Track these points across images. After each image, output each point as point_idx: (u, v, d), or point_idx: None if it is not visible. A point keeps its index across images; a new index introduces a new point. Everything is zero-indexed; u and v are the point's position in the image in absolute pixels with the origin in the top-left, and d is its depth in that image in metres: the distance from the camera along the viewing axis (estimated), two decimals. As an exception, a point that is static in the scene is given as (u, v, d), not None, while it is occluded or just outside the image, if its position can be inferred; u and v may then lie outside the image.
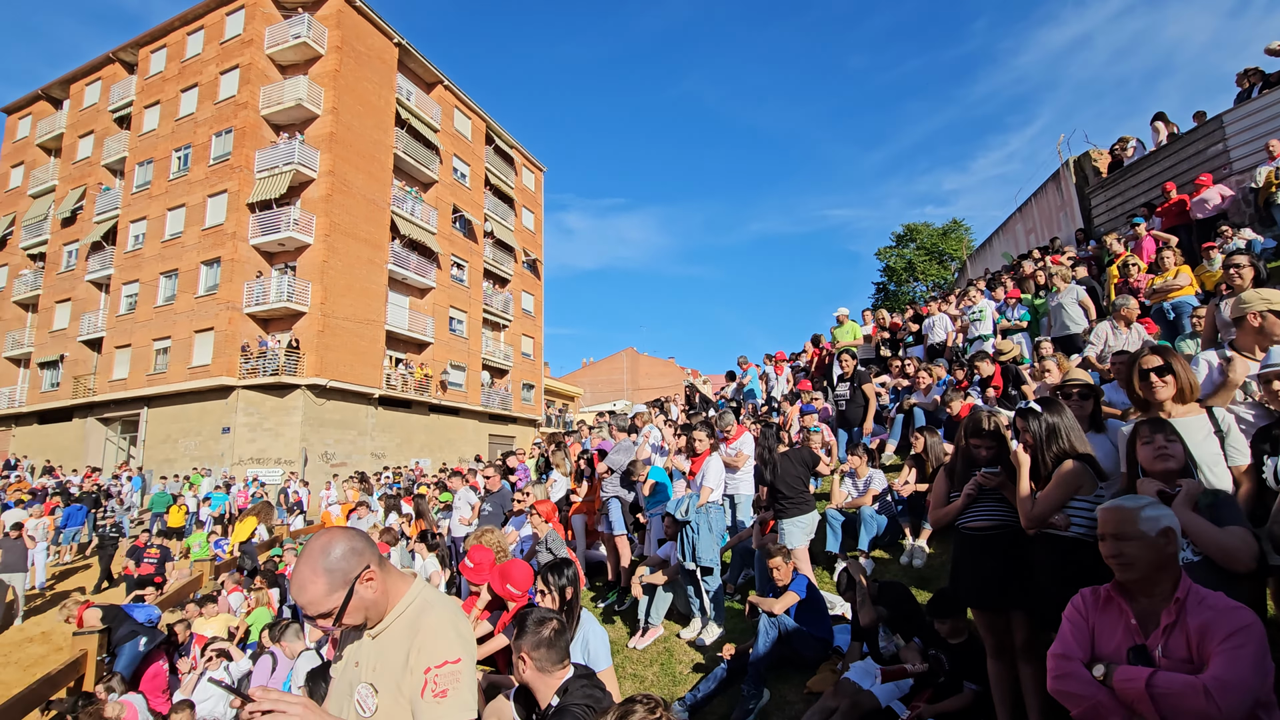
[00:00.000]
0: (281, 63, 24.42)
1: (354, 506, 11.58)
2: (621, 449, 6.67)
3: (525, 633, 2.31)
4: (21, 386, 27.44)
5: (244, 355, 21.59)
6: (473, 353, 30.28)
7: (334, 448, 22.79)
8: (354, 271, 23.75)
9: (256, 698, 1.35)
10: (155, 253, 24.05)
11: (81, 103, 28.77)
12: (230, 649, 5.97)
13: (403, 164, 26.99)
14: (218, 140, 23.62)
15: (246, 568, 9.44)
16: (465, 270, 30.41)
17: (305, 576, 1.50)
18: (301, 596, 1.50)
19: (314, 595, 1.49)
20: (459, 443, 28.89)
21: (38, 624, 10.54)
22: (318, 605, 1.49)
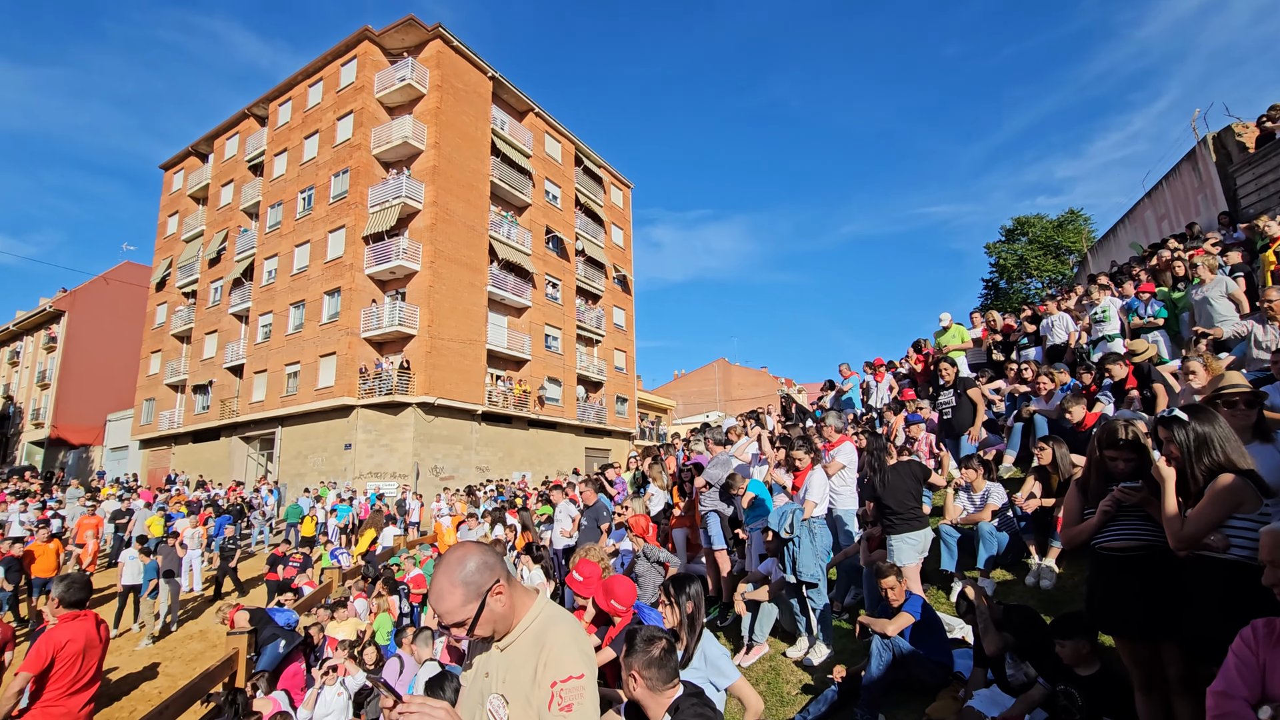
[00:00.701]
0: (389, 104, 26.37)
1: (463, 519, 12.15)
2: (718, 462, 6.62)
3: (635, 651, 2.31)
4: (179, 410, 30.93)
5: (362, 377, 23.31)
6: (568, 368, 31.12)
7: (443, 462, 24.06)
8: (457, 295, 25.10)
9: (407, 700, 1.46)
10: (285, 286, 26.50)
11: (223, 155, 32.31)
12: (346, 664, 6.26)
13: (498, 190, 28.33)
14: (336, 180, 25.79)
15: (370, 575, 10.12)
16: (559, 288, 31.39)
17: (443, 588, 1.60)
18: (439, 606, 1.61)
19: (450, 605, 1.59)
20: (557, 456, 29.70)
21: (196, 623, 11.77)
22: (453, 615, 1.59)
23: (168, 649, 10.53)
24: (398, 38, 26.41)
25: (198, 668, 9.50)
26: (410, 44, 26.63)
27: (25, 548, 11.24)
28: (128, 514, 16.28)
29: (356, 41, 26.42)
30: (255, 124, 31.13)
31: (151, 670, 9.56)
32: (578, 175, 34.26)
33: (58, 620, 5.05)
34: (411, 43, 26.58)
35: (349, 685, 6.02)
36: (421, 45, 26.47)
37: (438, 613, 1.62)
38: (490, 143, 27.95)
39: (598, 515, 7.83)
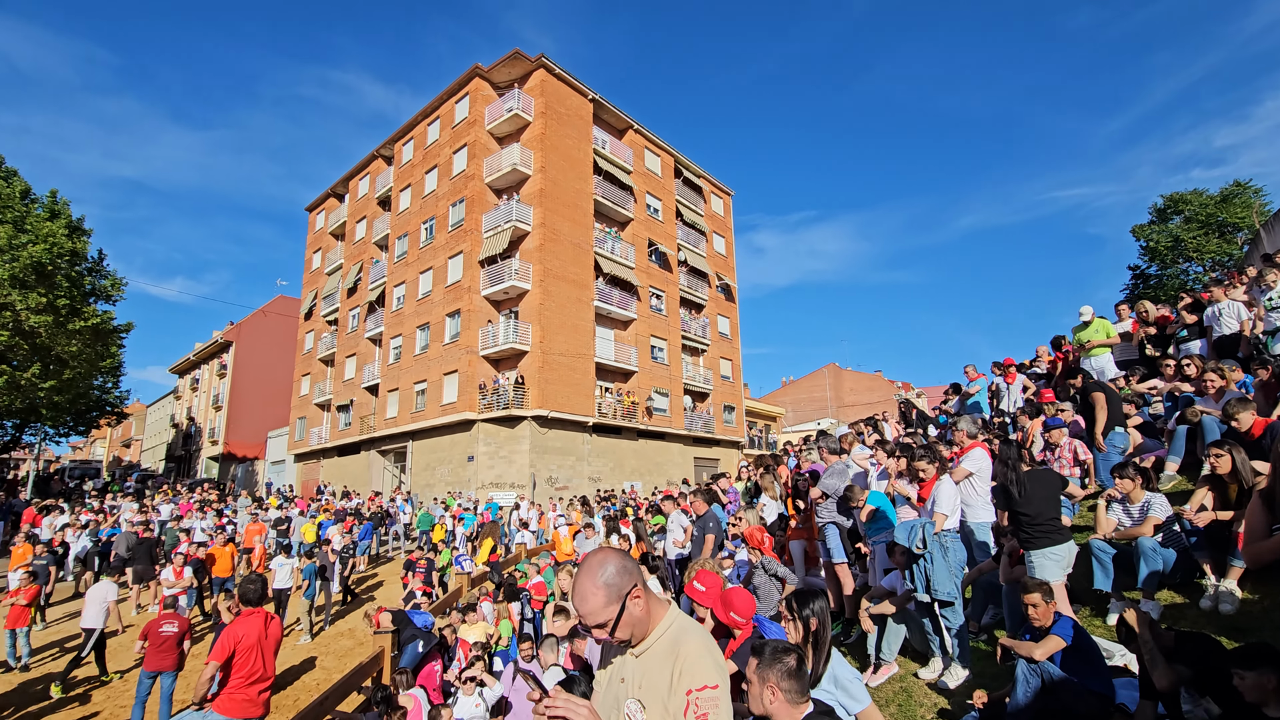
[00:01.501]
0: (498, 135, 27.93)
1: (580, 528, 12.52)
2: (835, 472, 6.41)
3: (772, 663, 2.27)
4: (325, 427, 34.16)
5: (481, 392, 24.68)
6: (674, 378, 31.29)
7: (557, 472, 24.92)
8: (566, 311, 26.02)
9: (553, 694, 1.54)
10: (412, 310, 28.64)
11: (356, 194, 35.56)
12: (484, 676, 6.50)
13: (601, 207, 29.13)
14: (454, 209, 27.62)
15: (496, 581, 10.65)
16: (663, 300, 31.70)
17: (587, 589, 1.68)
18: (583, 607, 1.69)
19: (594, 606, 1.67)
20: (666, 466, 29.88)
21: (345, 622, 12.88)
22: (596, 616, 1.67)
23: (322, 645, 11.58)
24: (504, 71, 27.96)
25: (349, 663, 10.38)
26: (516, 75, 28.11)
27: (207, 551, 12.82)
28: (286, 521, 18.15)
29: (468, 79, 28.25)
30: (383, 164, 34.00)
31: (309, 663, 10.55)
32: (678, 187, 34.55)
33: (237, 616, 5.74)
34: (517, 74, 28.04)
35: (487, 696, 6.13)
36: (526, 76, 27.85)
37: (581, 614, 1.70)
38: (592, 162, 28.83)
39: (709, 526, 7.81)
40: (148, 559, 13.28)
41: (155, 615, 8.29)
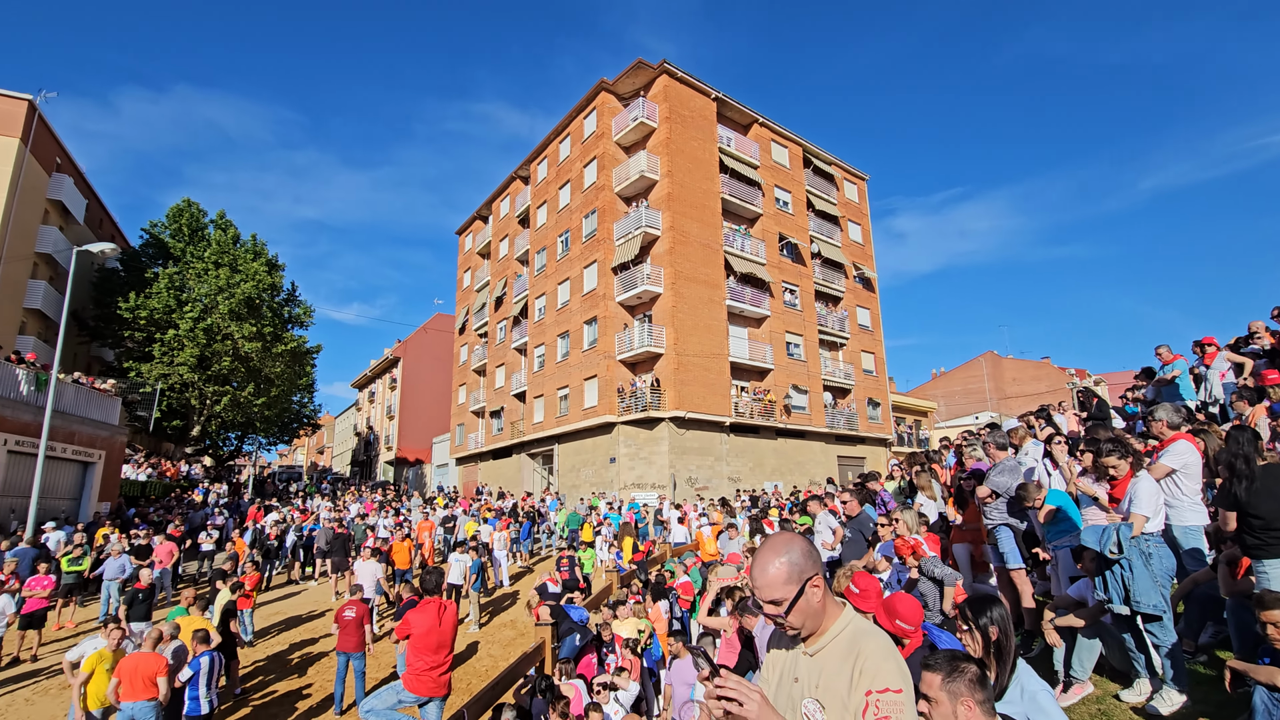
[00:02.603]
0: (625, 144, 28.67)
1: (723, 527, 12.48)
2: (1005, 469, 5.85)
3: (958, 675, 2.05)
4: (481, 432, 36.89)
5: (620, 396, 25.41)
6: (812, 375, 30.27)
7: (696, 473, 25.03)
8: (698, 312, 26.10)
9: (724, 675, 1.55)
10: (553, 320, 30.15)
11: (499, 215, 38.13)
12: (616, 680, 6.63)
13: (729, 205, 28.91)
14: (586, 221, 28.73)
15: (643, 579, 10.90)
16: (797, 295, 30.81)
17: (769, 560, 1.68)
18: (761, 577, 1.68)
19: (772, 579, 1.66)
20: (808, 465, 28.96)
21: (508, 614, 13.80)
22: (772, 589, 1.66)
23: (488, 634, 12.48)
24: (628, 82, 28.65)
25: (512, 651, 11.11)
26: (640, 84, 28.70)
27: (389, 545, 14.32)
28: (453, 519, 19.81)
29: (594, 94, 29.29)
30: (521, 184, 36.18)
31: (474, 649, 11.42)
32: (807, 177, 33.44)
33: (417, 603, 6.37)
34: (641, 83, 28.62)
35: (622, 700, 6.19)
36: (650, 83, 28.34)
37: (757, 585, 1.69)
38: (718, 161, 28.70)
39: (862, 527, 7.45)
40: (342, 551, 15.07)
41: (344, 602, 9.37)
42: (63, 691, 9.05)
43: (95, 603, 13.33)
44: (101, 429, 19.14)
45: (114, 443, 19.78)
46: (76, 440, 17.79)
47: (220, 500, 23.57)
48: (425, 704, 5.15)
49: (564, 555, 13.05)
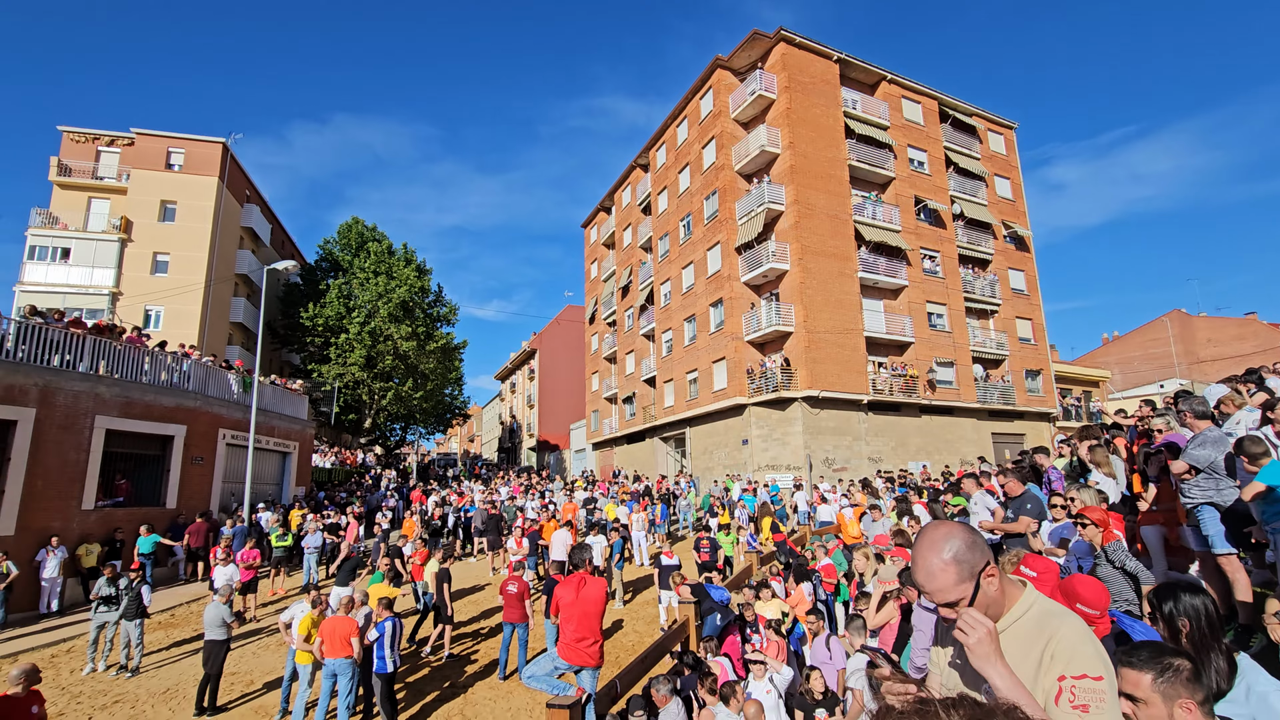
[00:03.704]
0: (743, 120, 28.02)
1: (865, 509, 11.99)
2: (1208, 441, 5.09)
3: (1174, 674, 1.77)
4: (614, 418, 38.06)
5: (750, 377, 25.09)
6: (959, 346, 28.07)
7: (833, 453, 24.19)
8: (828, 287, 25.06)
9: (962, 611, 1.50)
10: (678, 305, 30.33)
11: (621, 205, 38.87)
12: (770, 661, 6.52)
13: (857, 172, 27.39)
14: (707, 203, 28.51)
15: (783, 562, 10.77)
16: (938, 261, 28.64)
17: (934, 565, 1.58)
18: (930, 584, 1.59)
19: (943, 584, 1.57)
20: (957, 443, 26.99)
21: (650, 592, 14.20)
22: (945, 594, 1.57)
23: (631, 612, 12.93)
24: (744, 56, 27.92)
25: (656, 628, 11.44)
26: (756, 56, 27.87)
27: (538, 525, 15.23)
28: (593, 501, 20.68)
29: (709, 73, 28.86)
30: (641, 172, 36.59)
31: (619, 625, 11.87)
32: (945, 133, 30.84)
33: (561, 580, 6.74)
34: (757, 55, 27.78)
35: (777, 682, 6.07)
36: (766, 54, 27.44)
37: (927, 591, 1.60)
38: (843, 126, 27.25)
39: (1027, 507, 6.83)
40: (496, 531, 16.27)
41: (505, 577, 10.11)
42: (279, 647, 10.59)
43: (299, 572, 15.44)
44: (294, 424, 22.01)
45: (304, 435, 22.67)
46: (276, 434, 20.59)
47: (391, 485, 26.28)
48: (579, 671, 5.46)
49: (703, 537, 13.19)
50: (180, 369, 17.26)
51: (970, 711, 0.70)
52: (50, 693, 8.35)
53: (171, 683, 9.39)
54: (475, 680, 9.37)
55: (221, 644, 8.45)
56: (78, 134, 30.39)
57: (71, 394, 13.80)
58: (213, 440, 17.57)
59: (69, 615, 12.68)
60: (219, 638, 8.42)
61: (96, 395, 14.30)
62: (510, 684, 9.08)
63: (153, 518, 14.97)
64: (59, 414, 13.50)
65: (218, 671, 8.43)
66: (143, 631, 9.93)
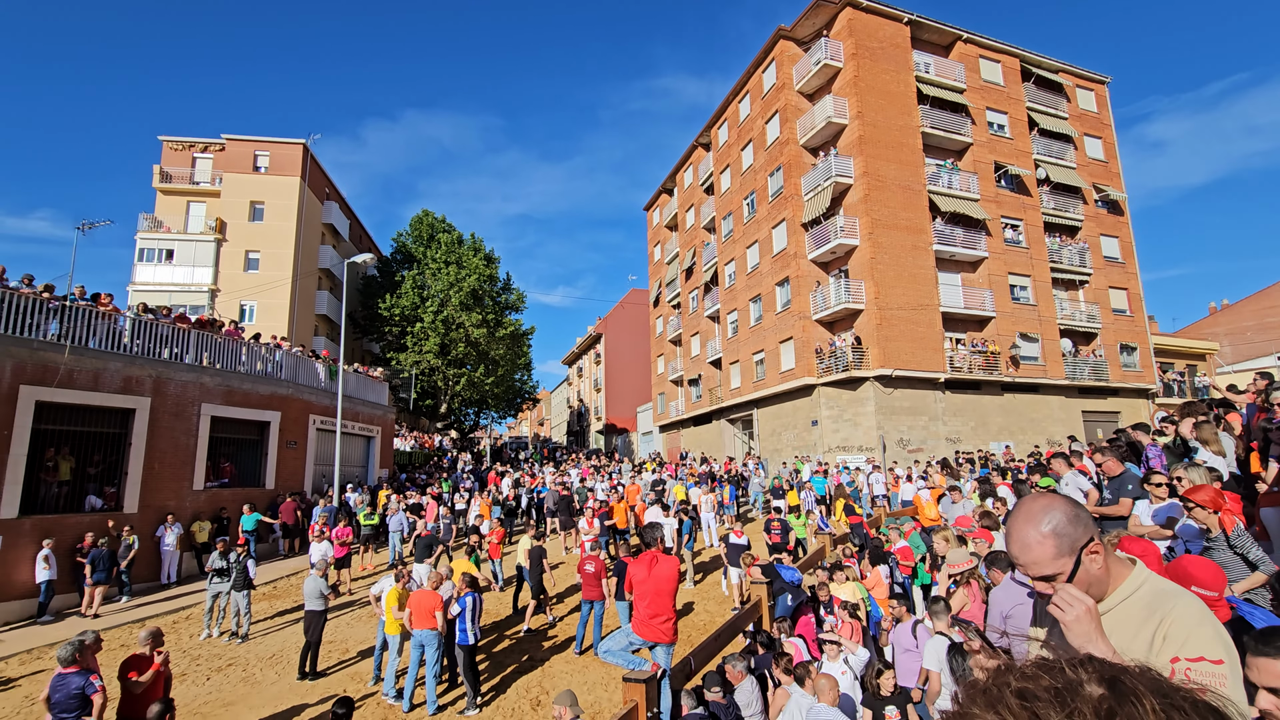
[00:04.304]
0: (808, 91, 27.12)
1: (943, 491, 11.56)
2: (1336, 417, 4.63)
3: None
4: (680, 400, 38.09)
5: (818, 357, 24.52)
6: (1045, 320, 26.48)
7: (908, 434, 23.40)
8: (901, 261, 24.09)
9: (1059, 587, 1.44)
10: (743, 285, 29.90)
11: (683, 186, 38.52)
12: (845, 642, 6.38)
13: (931, 139, 26.07)
14: (771, 179, 27.86)
15: (857, 544, 10.55)
16: (1021, 230, 27.02)
17: (1030, 538, 1.51)
18: (1026, 556, 1.51)
19: (1039, 556, 1.49)
20: (1044, 422, 25.58)
21: (719, 572, 14.23)
22: (1041, 567, 1.50)
23: (701, 592, 13.01)
24: (808, 24, 26.96)
25: (726, 608, 11.47)
26: (821, 23, 26.85)
27: (608, 506, 15.49)
28: (661, 483, 20.82)
29: (772, 45, 28.04)
30: (702, 152, 36.10)
31: (690, 607, 11.95)
32: (1028, 92, 28.89)
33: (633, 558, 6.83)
34: (822, 22, 26.76)
35: (852, 663, 5.96)
36: (832, 20, 26.39)
37: (1022, 563, 1.53)
38: (915, 92, 25.96)
39: (1126, 488, 6.42)
40: (568, 512, 16.65)
41: (579, 557, 10.37)
42: (370, 619, 11.26)
43: (386, 549, 16.32)
44: (376, 409, 23.14)
45: (386, 420, 23.81)
46: (360, 419, 21.72)
47: (467, 467, 27.29)
48: (654, 647, 5.54)
49: (773, 519, 13.08)
50: (273, 359, 18.44)
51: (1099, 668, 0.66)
52: (173, 655, 9.17)
53: (277, 649, 10.16)
54: (552, 654, 9.69)
55: (319, 614, 9.05)
56: (176, 142, 32.65)
57: (180, 384, 14.99)
58: (304, 425, 18.71)
59: (186, 586, 13.89)
60: (317, 608, 9.03)
61: (202, 384, 15.47)
62: (586, 659, 9.34)
63: (254, 497, 16.15)
64: (170, 402, 14.70)
65: (317, 639, 9.05)
66: (250, 601, 10.77)
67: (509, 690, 8.52)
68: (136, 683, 5.88)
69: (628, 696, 4.99)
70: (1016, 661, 0.70)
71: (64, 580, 12.06)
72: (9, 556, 11.66)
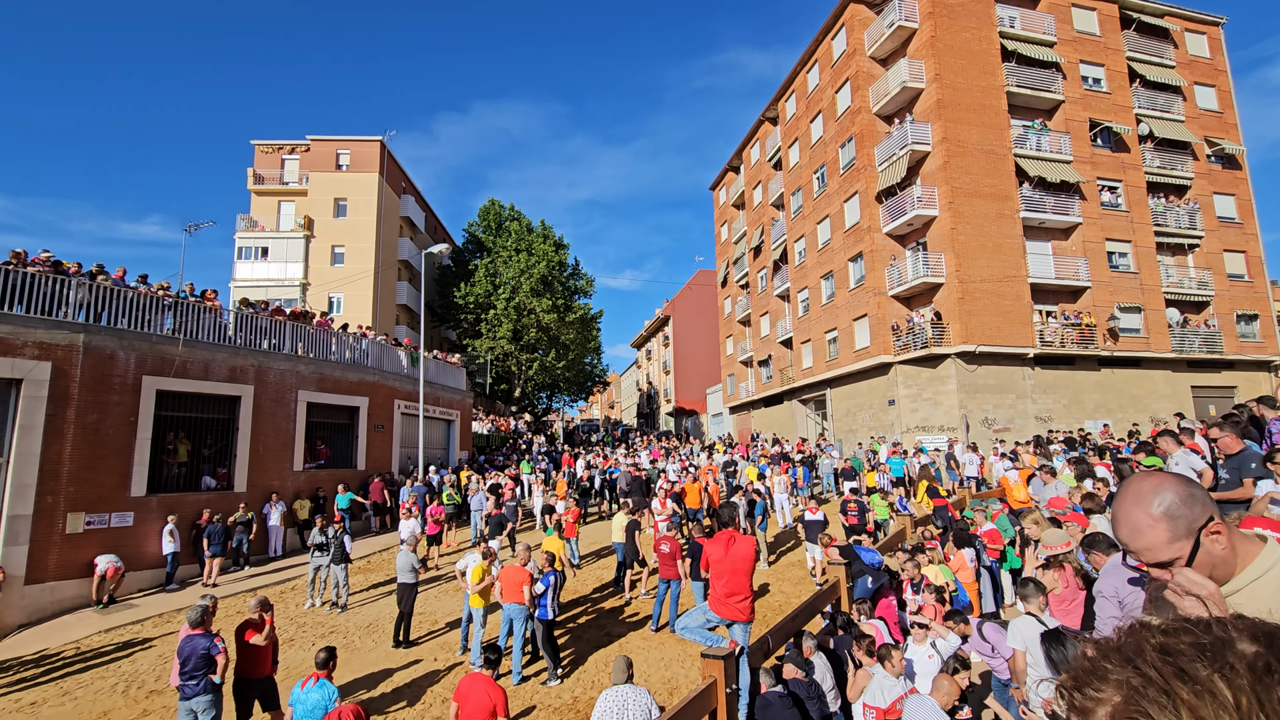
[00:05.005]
0: (880, 56, 25.89)
1: (1033, 472, 10.99)
2: None
3: None
4: (750, 381, 37.67)
5: (895, 334, 23.65)
6: (1147, 288, 24.50)
7: (993, 413, 22.29)
8: (984, 231, 22.82)
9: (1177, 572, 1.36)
10: (814, 261, 29.12)
11: (750, 163, 37.74)
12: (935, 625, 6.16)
13: (1017, 99, 24.40)
14: (842, 151, 26.88)
15: (939, 526, 10.21)
16: (1119, 192, 25.01)
17: (1140, 521, 1.40)
18: (1136, 541, 1.41)
19: (1151, 542, 1.39)
20: (1146, 399, 23.80)
21: (795, 553, 14.10)
22: (1155, 553, 1.40)
23: (776, 573, 12.93)
24: (879, -16, 25.67)
25: (801, 589, 11.36)
26: (892, -16, 25.51)
27: (681, 487, 15.58)
28: (733, 464, 20.74)
29: (841, 9, 26.89)
30: (769, 126, 35.19)
31: (765, 588, 11.90)
32: (1129, 41, 26.54)
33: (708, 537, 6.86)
34: (894, -18, 25.42)
35: (940, 648, 5.75)
36: (904, -21, 25.01)
37: (1133, 549, 1.43)
38: (999, 48, 24.31)
39: (1243, 465, 5.91)
40: (641, 492, 16.86)
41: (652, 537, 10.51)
42: (456, 592, 11.83)
43: (468, 527, 17.06)
44: (455, 394, 24.08)
45: (464, 404, 24.75)
46: (440, 403, 22.66)
47: (541, 449, 28.06)
48: (731, 625, 5.57)
49: (849, 500, 12.82)
50: (359, 348, 19.47)
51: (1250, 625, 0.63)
52: (280, 622, 9.95)
53: (372, 619, 10.85)
54: (629, 630, 9.90)
55: (411, 587, 9.59)
56: (266, 145, 34.71)
57: (279, 372, 16.08)
58: (390, 410, 19.71)
59: (290, 559, 15.01)
60: (409, 581, 9.57)
61: (298, 373, 16.55)
62: (661, 635, 9.50)
63: (347, 478, 17.20)
64: (270, 390, 15.81)
65: (409, 611, 9.60)
66: (347, 574, 11.53)
67: (587, 663, 8.79)
68: (251, 644, 6.43)
69: (706, 672, 5.06)
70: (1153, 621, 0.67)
71: (186, 552, 13.29)
72: (140, 530, 12.94)
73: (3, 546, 11.11)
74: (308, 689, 5.59)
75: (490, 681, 5.72)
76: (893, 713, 5.11)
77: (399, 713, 7.61)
